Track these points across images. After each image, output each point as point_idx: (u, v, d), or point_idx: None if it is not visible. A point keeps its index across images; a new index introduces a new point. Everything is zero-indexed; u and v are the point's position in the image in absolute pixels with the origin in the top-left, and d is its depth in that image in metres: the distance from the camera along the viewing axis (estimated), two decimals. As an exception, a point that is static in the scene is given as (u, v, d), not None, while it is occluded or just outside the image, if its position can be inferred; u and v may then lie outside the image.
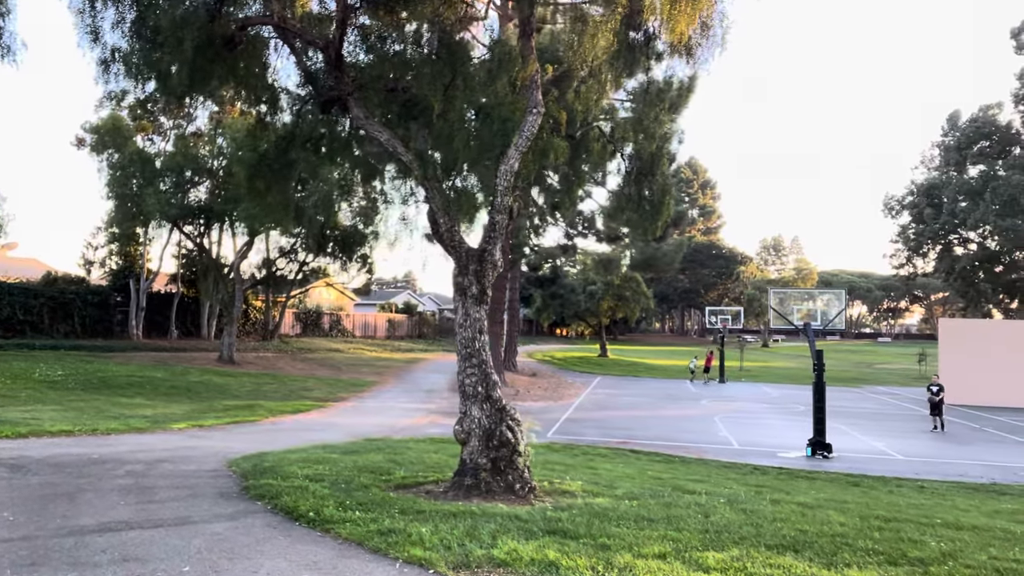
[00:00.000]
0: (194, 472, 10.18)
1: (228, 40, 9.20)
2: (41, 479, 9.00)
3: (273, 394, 26.43)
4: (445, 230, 10.23)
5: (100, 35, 9.10)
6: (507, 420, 9.41)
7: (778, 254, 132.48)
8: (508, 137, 9.68)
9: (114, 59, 9.68)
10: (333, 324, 53.52)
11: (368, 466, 10.97)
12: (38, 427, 14.05)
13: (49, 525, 6.76)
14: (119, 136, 32.24)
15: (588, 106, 11.51)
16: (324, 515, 7.14)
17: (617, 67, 11.23)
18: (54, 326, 34.58)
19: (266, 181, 12.07)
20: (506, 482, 9.09)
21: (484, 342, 9.81)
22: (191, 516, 7.22)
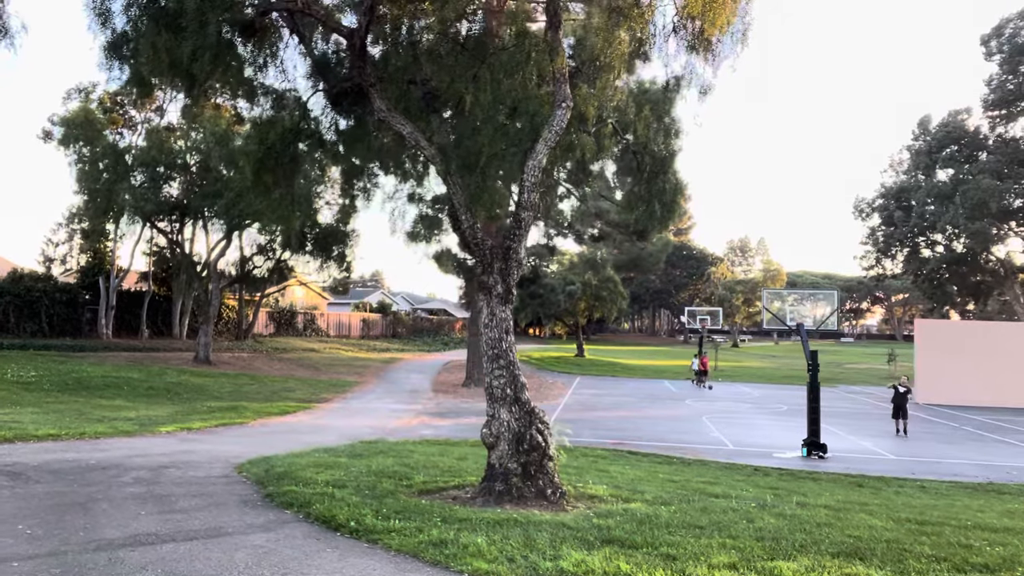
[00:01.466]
0: (204, 478, 9.71)
1: (247, 26, 8.76)
2: (46, 488, 8.47)
3: (255, 395, 25.78)
4: (467, 227, 9.92)
5: (109, 18, 8.58)
6: (536, 423, 9.14)
7: (745, 255, 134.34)
8: (537, 132, 9.41)
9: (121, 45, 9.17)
10: (307, 323, 52.60)
11: (383, 471, 10.61)
12: (22, 431, 13.35)
13: (73, 539, 6.31)
14: (90, 129, 31.13)
15: (603, 102, 11.28)
16: (365, 524, 6.80)
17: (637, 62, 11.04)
18: (20, 325, 33.29)
19: (274, 175, 11.61)
20: (537, 487, 8.83)
21: (511, 342, 9.53)
22: (223, 527, 6.81)
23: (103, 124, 31.80)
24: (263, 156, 11.72)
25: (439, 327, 69.78)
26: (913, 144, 52.84)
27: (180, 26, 8.14)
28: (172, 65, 8.40)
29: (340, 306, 62.97)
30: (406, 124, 9.65)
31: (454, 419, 23.51)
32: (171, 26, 8.13)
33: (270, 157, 11.77)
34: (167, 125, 38.66)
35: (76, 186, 33.48)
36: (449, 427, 21.44)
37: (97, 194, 31.52)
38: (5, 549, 5.97)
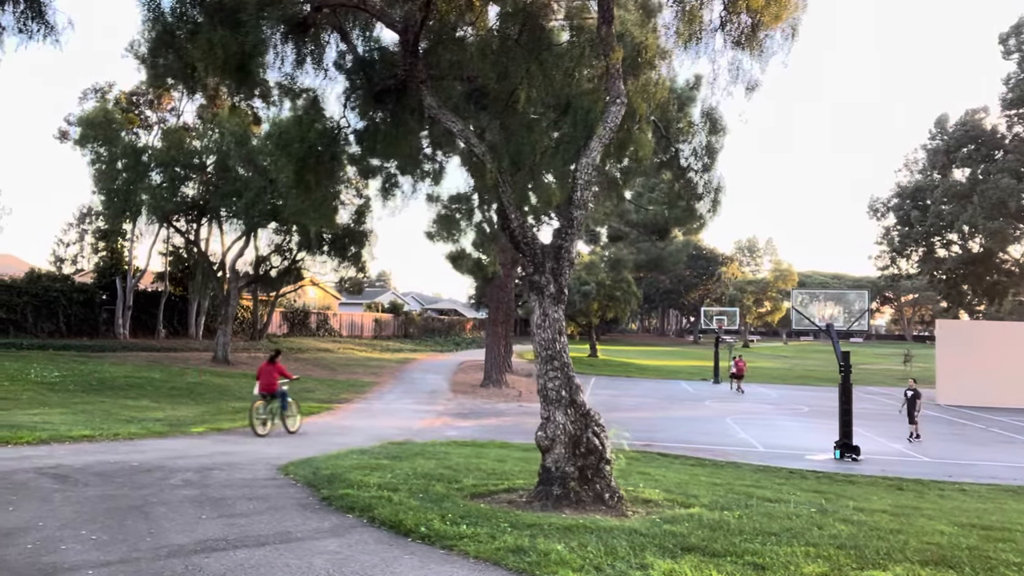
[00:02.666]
0: (252, 480, 9.57)
1: (300, 23, 8.62)
2: (97, 491, 8.33)
3: (276, 396, 25.62)
4: (517, 226, 9.76)
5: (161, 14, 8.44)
6: (593, 426, 8.97)
7: (753, 255, 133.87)
8: (591, 129, 9.24)
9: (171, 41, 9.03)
10: (320, 324, 52.51)
11: (428, 473, 10.45)
12: (56, 432, 13.25)
13: (141, 545, 6.16)
14: (108, 129, 31.02)
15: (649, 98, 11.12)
16: (435, 529, 6.64)
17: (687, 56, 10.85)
18: (38, 325, 33.25)
19: (316, 174, 11.47)
20: (595, 491, 8.66)
21: (564, 343, 9.36)
22: (290, 532, 6.66)
23: (121, 124, 31.71)
24: (304, 155, 11.58)
25: (450, 327, 69.65)
26: (929, 143, 52.47)
27: (237, 22, 8.00)
28: (226, 61, 8.26)
29: (352, 306, 62.90)
30: (456, 121, 9.49)
31: (476, 420, 23.36)
32: (227, 22, 7.99)
33: (312, 156, 11.64)
34: (183, 125, 38.65)
35: (93, 186, 33.42)
36: (473, 428, 21.28)
37: (115, 194, 31.42)
38: (75, 556, 5.83)
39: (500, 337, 33.22)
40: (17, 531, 6.50)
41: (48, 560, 5.68)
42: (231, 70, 9.12)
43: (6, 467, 9.52)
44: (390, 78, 10.80)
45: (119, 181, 30.71)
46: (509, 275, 35.17)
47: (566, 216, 9.60)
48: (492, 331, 33.47)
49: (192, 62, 8.89)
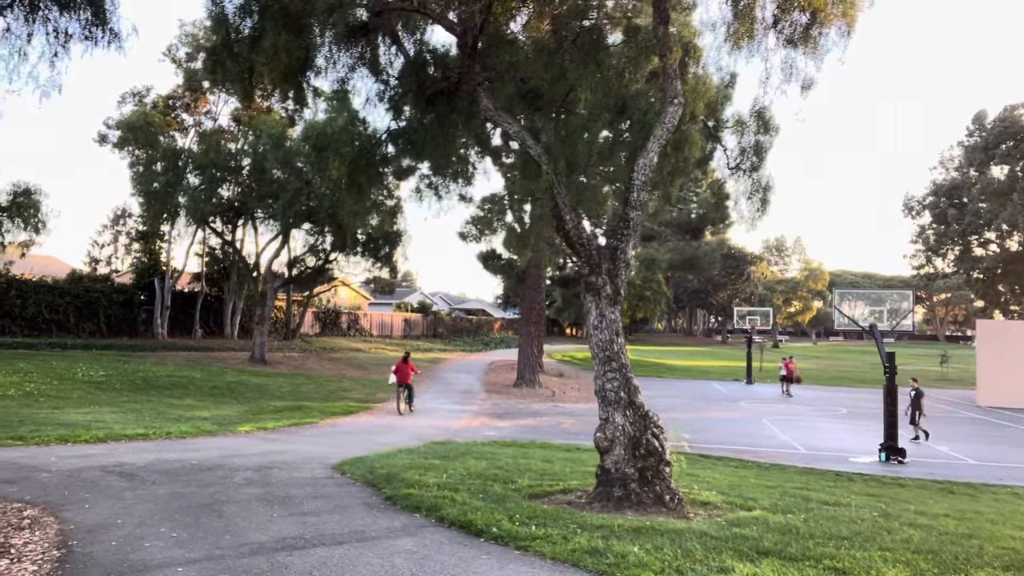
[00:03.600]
0: (311, 479, 9.70)
1: (360, 27, 8.71)
2: (166, 489, 8.50)
3: (314, 395, 25.93)
4: (572, 227, 9.77)
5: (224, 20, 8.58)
6: (652, 427, 8.95)
7: (781, 254, 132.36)
8: (648, 129, 9.22)
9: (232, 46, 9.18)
10: (351, 323, 52.95)
11: (482, 473, 10.49)
12: (111, 431, 13.52)
13: (222, 542, 6.28)
14: (147, 132, 31.55)
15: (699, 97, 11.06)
16: (506, 530, 6.68)
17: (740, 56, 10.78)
18: (80, 325, 33.95)
19: (367, 176, 11.59)
20: (655, 493, 8.63)
21: (622, 344, 9.35)
22: (364, 531, 6.74)
23: (160, 127, 32.25)
24: (356, 157, 11.70)
25: (478, 327, 69.82)
26: (967, 140, 51.48)
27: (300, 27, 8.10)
28: (289, 66, 8.37)
29: (381, 306, 63.34)
30: (513, 123, 9.52)
31: (512, 420, 23.40)
32: (290, 27, 8.10)
33: (363, 158, 11.76)
34: (219, 128, 39.18)
35: (132, 188, 34.03)
36: (511, 428, 21.31)
37: (153, 196, 31.97)
38: (160, 553, 5.95)
39: (533, 337, 33.23)
40: (99, 528, 6.65)
41: (136, 557, 5.81)
42: (291, 74, 9.25)
43: (73, 465, 9.73)
44: (442, 81, 10.86)
45: (158, 183, 31.22)
46: (540, 275, 35.18)
47: (622, 217, 9.59)
48: (525, 331, 33.49)
49: (253, 67, 9.02)
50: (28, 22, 9.72)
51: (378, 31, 9.50)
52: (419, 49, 11.49)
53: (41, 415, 15.23)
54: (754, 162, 12.90)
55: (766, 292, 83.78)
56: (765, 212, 13.16)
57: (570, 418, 24.72)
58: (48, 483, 8.53)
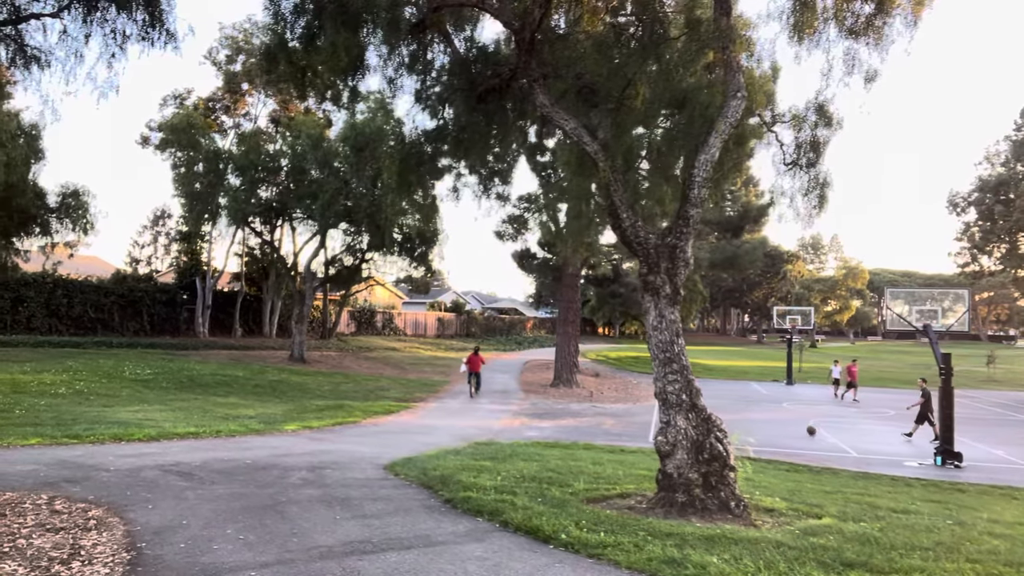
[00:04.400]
0: (366, 480, 9.62)
1: (417, 23, 8.60)
2: (225, 489, 8.48)
3: (353, 394, 26.02)
4: (628, 226, 9.55)
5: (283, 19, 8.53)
6: (715, 431, 8.69)
7: (817, 252, 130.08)
8: (710, 124, 8.97)
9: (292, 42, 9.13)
10: (386, 323, 53.21)
11: (535, 476, 10.33)
12: (163, 430, 13.64)
13: (290, 545, 6.20)
14: (190, 134, 31.96)
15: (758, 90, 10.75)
16: (574, 536, 6.50)
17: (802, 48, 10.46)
18: (124, 324, 34.56)
19: (417, 174, 11.50)
20: (719, 499, 8.38)
21: (682, 345, 9.11)
22: (430, 535, 6.61)
23: (202, 129, 32.67)
24: (406, 156, 11.62)
25: (511, 326, 69.72)
26: (1015, 135, 49.93)
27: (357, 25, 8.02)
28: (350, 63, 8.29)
29: (414, 305, 63.56)
30: (569, 120, 9.33)
31: (553, 420, 23.21)
32: (349, 24, 8.02)
33: (412, 157, 11.68)
34: (257, 129, 39.62)
35: (174, 189, 34.54)
36: (552, 428, 21.11)
37: (195, 197, 32.41)
38: (230, 556, 5.89)
39: (570, 337, 33.00)
40: (166, 529, 6.63)
41: (207, 560, 5.75)
42: (346, 72, 9.17)
43: (131, 464, 9.79)
44: (494, 78, 10.73)
45: (199, 184, 31.65)
46: (577, 275, 34.92)
47: (681, 215, 9.35)
48: (562, 331, 33.26)
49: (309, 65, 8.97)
50: (86, 23, 9.80)
51: (432, 28, 9.37)
52: (468, 46, 11.38)
53: (93, 413, 15.44)
54: (811, 157, 12.54)
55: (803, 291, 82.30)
56: (823, 209, 12.76)
57: (610, 419, 24.45)
58: (109, 482, 8.57)
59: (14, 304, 31.07)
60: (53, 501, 7.50)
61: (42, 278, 32.00)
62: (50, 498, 7.60)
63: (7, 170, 20.97)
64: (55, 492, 7.86)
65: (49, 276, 32.35)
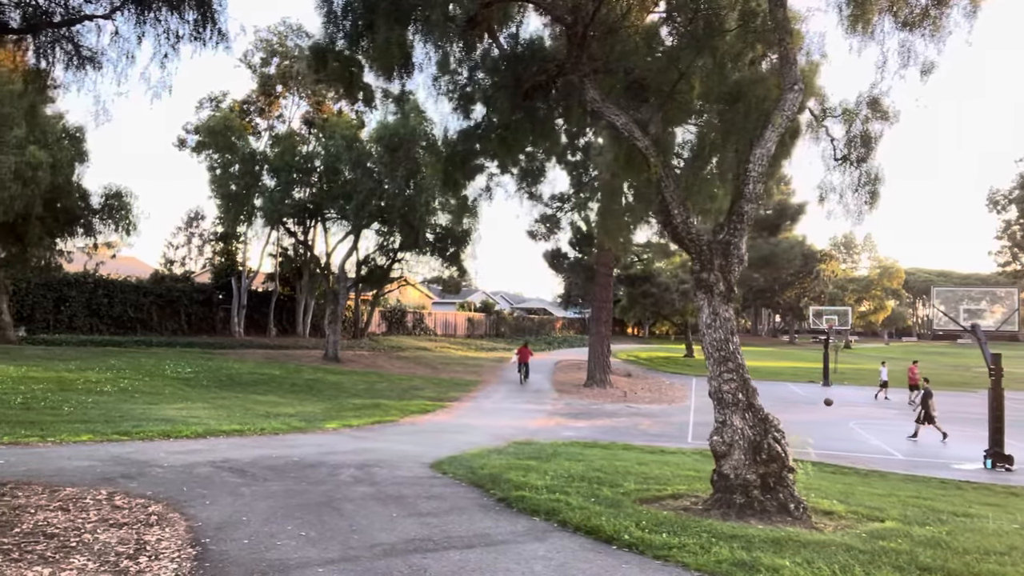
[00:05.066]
0: (415, 479, 9.60)
1: (469, 20, 8.55)
2: (278, 486, 8.51)
3: (388, 393, 26.10)
4: (680, 222, 9.40)
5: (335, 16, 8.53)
6: (773, 431, 8.51)
7: (850, 251, 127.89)
8: (766, 118, 8.79)
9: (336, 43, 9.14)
10: (416, 323, 53.42)
11: (582, 476, 10.23)
12: (209, 427, 13.77)
13: (351, 542, 6.18)
14: (226, 136, 32.35)
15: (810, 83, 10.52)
16: (637, 537, 6.39)
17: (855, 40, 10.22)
18: (162, 323, 35.12)
19: (463, 172, 11.46)
20: (778, 501, 8.20)
21: (737, 344, 8.94)
22: (489, 534, 6.55)
23: (239, 131, 33.06)
24: (451, 154, 11.59)
25: (540, 326, 69.60)
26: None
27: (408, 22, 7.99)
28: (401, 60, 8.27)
29: (444, 305, 63.74)
30: (620, 115, 9.21)
31: (588, 420, 23.06)
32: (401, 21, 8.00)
33: (457, 155, 11.64)
34: (291, 131, 39.99)
35: (210, 191, 35.00)
36: (588, 429, 20.96)
37: (231, 198, 32.80)
38: (294, 553, 5.88)
39: (603, 337, 32.78)
40: (227, 525, 6.64)
41: (272, 556, 5.75)
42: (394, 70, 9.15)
43: (183, 461, 9.88)
44: (540, 74, 10.65)
45: (235, 186, 32.02)
46: (610, 274, 34.68)
47: (735, 211, 9.18)
48: (595, 331, 33.06)
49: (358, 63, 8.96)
50: (139, 23, 9.91)
51: (481, 24, 9.31)
52: (513, 43, 11.30)
53: (138, 410, 15.66)
54: (862, 152, 12.26)
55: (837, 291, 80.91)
56: (874, 206, 12.47)
57: (646, 419, 24.23)
58: (164, 478, 8.64)
59: (57, 304, 31.73)
60: (113, 496, 7.57)
61: (84, 278, 32.64)
62: (109, 493, 7.67)
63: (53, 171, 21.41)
64: (113, 488, 7.94)
65: (90, 276, 32.98)
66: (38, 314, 31.08)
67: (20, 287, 29.87)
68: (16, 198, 20.56)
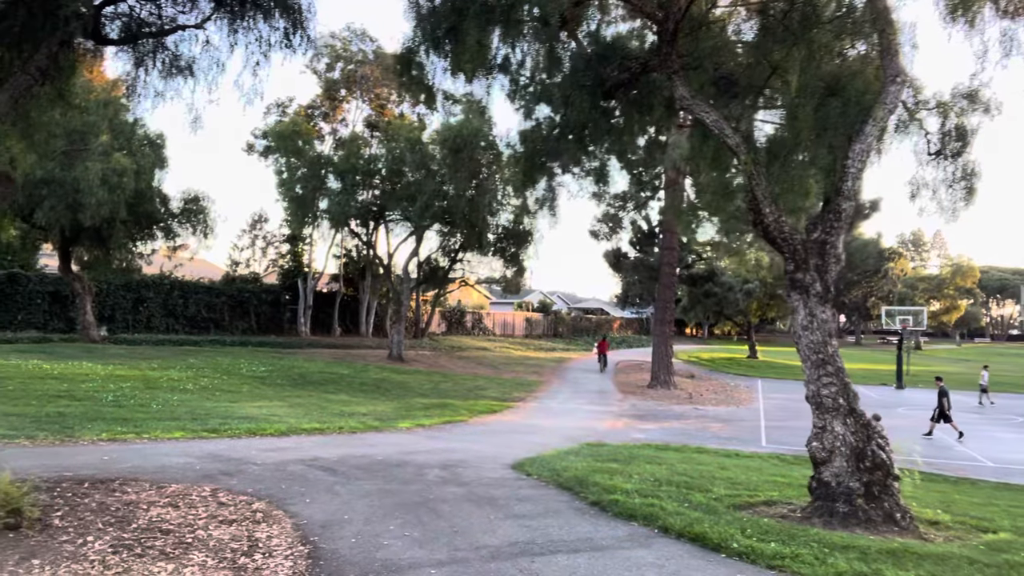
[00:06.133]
0: (501, 480, 9.60)
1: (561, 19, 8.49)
2: (371, 485, 8.62)
3: (454, 393, 26.26)
4: (772, 220, 9.14)
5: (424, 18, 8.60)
6: (876, 438, 8.19)
7: (918, 249, 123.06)
8: (866, 112, 8.47)
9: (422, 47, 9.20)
10: (475, 323, 53.74)
11: (669, 480, 10.06)
12: (290, 425, 14.08)
13: (457, 543, 6.19)
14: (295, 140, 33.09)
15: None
16: (745, 546, 6.22)
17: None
18: (234, 323, 36.20)
19: (543, 171, 11.42)
20: (883, 510, 7.88)
21: (835, 346, 8.64)
22: (592, 539, 6.48)
23: (307, 135, 33.78)
24: (531, 154, 11.56)
25: (598, 326, 69.17)
26: None
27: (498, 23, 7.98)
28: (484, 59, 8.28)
29: (501, 305, 63.95)
30: (710, 112, 9.01)
31: (656, 422, 22.74)
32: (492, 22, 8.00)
33: (538, 155, 11.61)
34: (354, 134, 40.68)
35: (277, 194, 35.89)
36: (657, 431, 20.65)
37: (298, 201, 33.56)
38: (404, 553, 5.92)
39: (667, 337, 32.33)
40: (331, 524, 6.74)
41: (383, 556, 5.80)
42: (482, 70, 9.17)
43: (274, 459, 10.10)
44: (623, 72, 10.51)
45: (303, 189, 32.74)
46: (674, 273, 34.18)
47: (832, 208, 8.88)
48: (659, 331, 32.63)
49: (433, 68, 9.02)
50: (232, 32, 10.17)
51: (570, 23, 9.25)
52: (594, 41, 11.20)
53: (221, 408, 16.13)
54: (957, 147, 11.72)
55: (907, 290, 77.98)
56: (971, 202, 11.90)
57: (714, 422, 23.77)
58: (260, 476, 8.84)
59: (135, 304, 33.05)
60: (216, 493, 7.78)
61: (160, 280, 33.91)
62: (213, 490, 7.89)
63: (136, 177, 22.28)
64: (215, 484, 8.16)
65: (166, 278, 34.23)
66: (118, 314, 32.42)
67: (101, 289, 31.21)
68: (103, 204, 21.52)
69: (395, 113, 41.38)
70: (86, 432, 11.37)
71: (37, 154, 13.17)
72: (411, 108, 42.00)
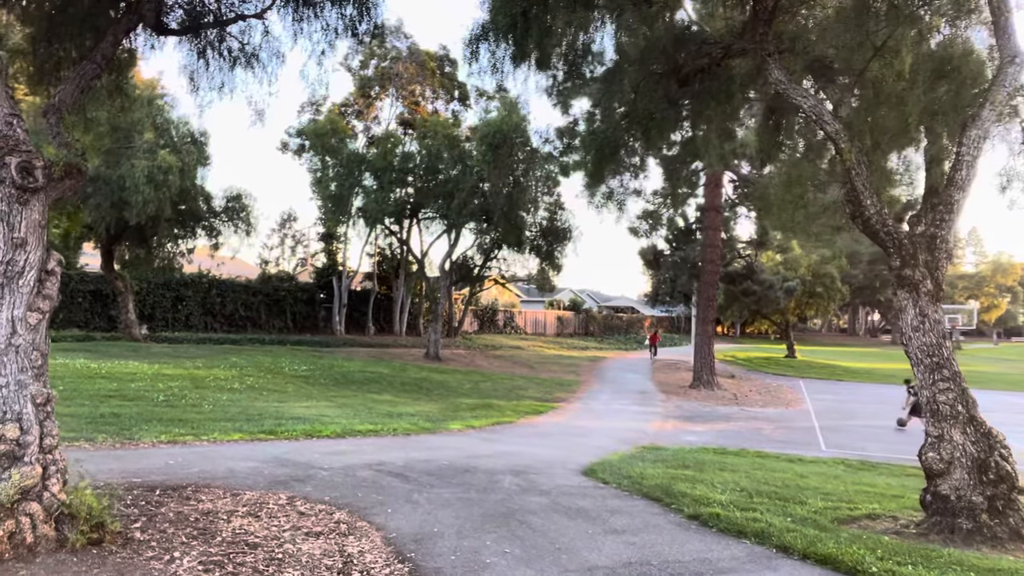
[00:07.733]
0: (580, 488, 9.11)
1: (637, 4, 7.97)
2: (448, 493, 8.18)
3: (495, 392, 25.84)
4: (873, 213, 8.54)
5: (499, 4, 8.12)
6: (999, 448, 7.57)
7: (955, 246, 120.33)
8: (982, 95, 7.82)
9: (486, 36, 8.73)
10: (507, 321, 53.30)
11: (757, 490, 9.52)
12: (344, 427, 13.73)
13: (563, 562, 5.71)
14: (330, 139, 32.88)
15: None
16: (884, 570, 5.68)
17: None
18: (270, 321, 36.13)
19: (612, 164, 10.92)
20: (1009, 526, 7.26)
21: (950, 348, 8.02)
22: (709, 559, 5.97)
23: (343, 133, 33.56)
24: (601, 146, 11.06)
25: (629, 325, 68.39)
26: None
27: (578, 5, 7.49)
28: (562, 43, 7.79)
29: (532, 304, 63.45)
30: (808, 98, 8.43)
31: (706, 424, 22.11)
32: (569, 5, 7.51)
33: (607, 146, 11.10)
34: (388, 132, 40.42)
35: (312, 192, 35.76)
36: (710, 433, 20.03)
37: (333, 199, 33.36)
38: (511, 572, 5.47)
39: (709, 336, 31.60)
40: (424, 538, 6.31)
41: (491, 577, 5.34)
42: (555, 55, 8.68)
43: (340, 463, 9.72)
44: (702, 58, 9.97)
45: (339, 187, 32.54)
46: (716, 271, 33.42)
47: (943, 199, 8.25)
48: (701, 330, 31.92)
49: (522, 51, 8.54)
50: (296, 20, 9.79)
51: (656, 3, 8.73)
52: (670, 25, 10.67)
53: (272, 408, 15.84)
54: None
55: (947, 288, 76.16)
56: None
57: (764, 423, 23.07)
58: (331, 482, 8.45)
59: (175, 303, 33.08)
60: (293, 501, 7.39)
61: (199, 278, 33.91)
62: (289, 498, 7.50)
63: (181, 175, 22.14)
64: (290, 492, 7.77)
65: (205, 277, 34.23)
66: (158, 313, 32.47)
67: (142, 287, 31.27)
68: (149, 201, 21.41)
69: (428, 110, 41.06)
70: (144, 434, 11.08)
71: (92, 150, 12.94)
72: (445, 105, 41.70)
